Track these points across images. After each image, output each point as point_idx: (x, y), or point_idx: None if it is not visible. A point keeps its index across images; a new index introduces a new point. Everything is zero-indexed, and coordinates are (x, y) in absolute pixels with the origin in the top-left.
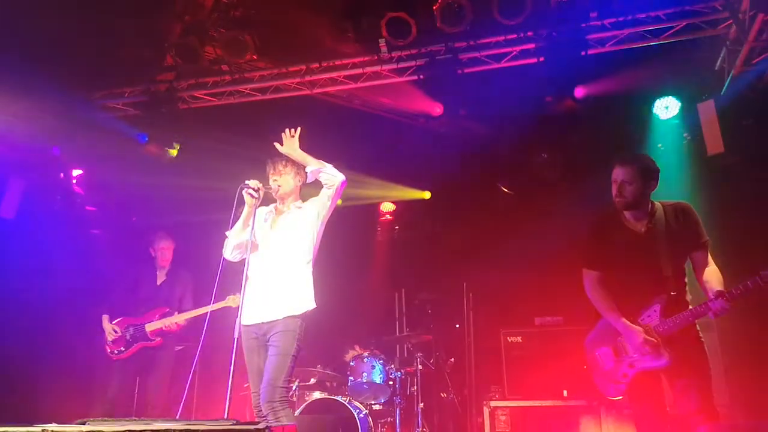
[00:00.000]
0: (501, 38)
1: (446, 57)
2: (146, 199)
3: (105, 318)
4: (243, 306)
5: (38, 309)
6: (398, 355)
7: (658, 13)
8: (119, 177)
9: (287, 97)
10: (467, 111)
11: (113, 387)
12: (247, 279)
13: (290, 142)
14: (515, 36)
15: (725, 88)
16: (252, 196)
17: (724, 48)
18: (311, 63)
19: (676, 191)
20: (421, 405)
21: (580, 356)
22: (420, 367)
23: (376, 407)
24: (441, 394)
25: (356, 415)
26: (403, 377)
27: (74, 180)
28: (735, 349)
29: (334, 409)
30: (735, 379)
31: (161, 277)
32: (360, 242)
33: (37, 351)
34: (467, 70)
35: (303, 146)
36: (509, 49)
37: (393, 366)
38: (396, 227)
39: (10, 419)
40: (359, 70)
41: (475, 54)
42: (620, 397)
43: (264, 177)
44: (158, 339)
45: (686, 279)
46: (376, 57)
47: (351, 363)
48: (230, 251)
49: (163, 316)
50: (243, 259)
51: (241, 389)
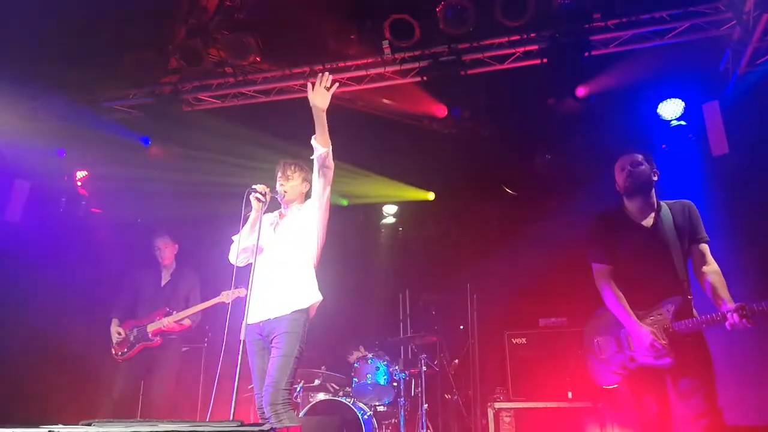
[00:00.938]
0: (504, 40)
1: (449, 58)
2: (151, 200)
3: (113, 321)
4: (248, 307)
5: (44, 311)
6: (402, 357)
7: (662, 14)
8: (124, 178)
9: (291, 99)
10: (471, 112)
11: (119, 388)
12: (253, 281)
13: (321, 94)
14: (518, 37)
15: (730, 89)
16: (259, 200)
17: (729, 49)
18: (315, 65)
19: (681, 192)
20: (426, 406)
21: (584, 354)
22: (424, 369)
23: (381, 408)
24: (445, 396)
25: (360, 417)
26: (408, 378)
27: (79, 182)
28: (740, 349)
29: (339, 411)
30: (740, 380)
31: (166, 278)
32: (364, 243)
33: (44, 353)
34: (470, 72)
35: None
36: (512, 51)
37: (397, 367)
38: (400, 228)
39: (18, 420)
40: (363, 72)
41: (479, 55)
42: (614, 386)
43: (267, 179)
44: (158, 339)
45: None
46: (380, 59)
47: (355, 364)
48: (237, 255)
49: (165, 317)
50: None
51: (247, 391)
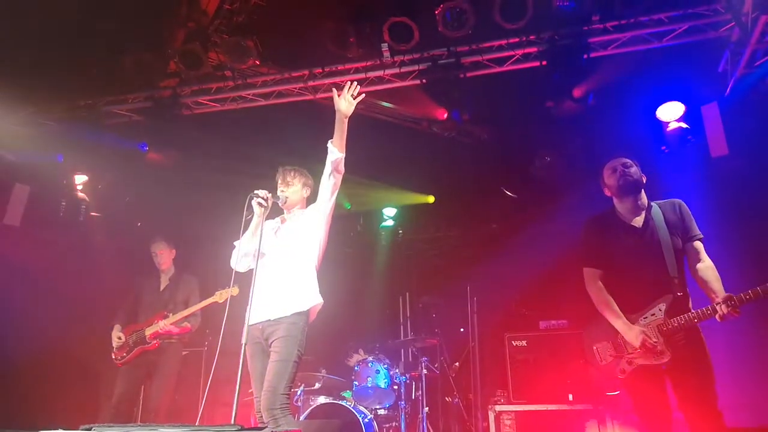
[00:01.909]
0: (503, 42)
1: (449, 61)
2: (150, 205)
3: (115, 327)
4: (250, 311)
5: (44, 315)
6: (403, 360)
7: (661, 16)
8: (124, 183)
9: (290, 103)
10: (470, 115)
11: (118, 393)
12: (254, 285)
13: (348, 100)
14: (517, 40)
15: (729, 91)
16: (261, 205)
17: (727, 50)
18: (314, 68)
19: (680, 194)
20: (426, 409)
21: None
22: (425, 372)
23: (381, 412)
24: (446, 399)
25: (361, 420)
26: (408, 381)
27: (79, 186)
28: (739, 349)
29: (339, 414)
30: (739, 380)
31: (164, 282)
32: (364, 247)
33: (44, 357)
34: (470, 74)
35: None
36: (511, 53)
37: (398, 370)
38: (400, 231)
39: (19, 426)
40: (362, 75)
41: (478, 58)
42: (617, 392)
43: (269, 185)
44: (156, 342)
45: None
46: (379, 62)
47: (356, 368)
48: (238, 260)
49: (162, 320)
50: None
51: (247, 394)
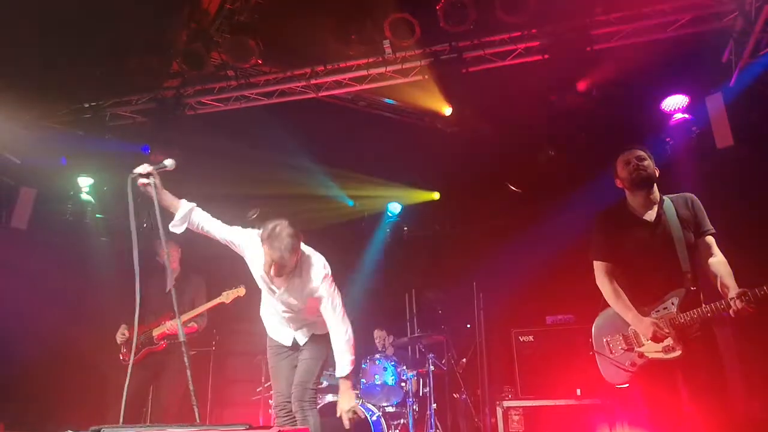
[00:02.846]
0: (505, 36)
1: (451, 56)
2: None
3: (122, 326)
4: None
5: (52, 317)
6: (410, 356)
7: (663, 7)
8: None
9: (293, 101)
10: (473, 110)
11: (127, 394)
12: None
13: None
14: (519, 33)
15: (733, 81)
16: (147, 185)
17: (731, 40)
18: (316, 66)
19: (686, 185)
20: (434, 406)
21: (594, 354)
22: (432, 368)
23: (389, 409)
24: (453, 395)
25: (369, 418)
26: (416, 378)
27: (84, 188)
28: (750, 342)
29: None
30: (750, 373)
31: (171, 283)
32: (369, 243)
33: (52, 359)
34: (472, 69)
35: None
36: (514, 47)
37: (405, 367)
38: (405, 228)
39: (28, 427)
40: (364, 72)
41: (480, 53)
42: (626, 385)
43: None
44: (163, 343)
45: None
46: (381, 58)
47: (363, 365)
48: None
49: (169, 321)
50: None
51: (254, 393)
